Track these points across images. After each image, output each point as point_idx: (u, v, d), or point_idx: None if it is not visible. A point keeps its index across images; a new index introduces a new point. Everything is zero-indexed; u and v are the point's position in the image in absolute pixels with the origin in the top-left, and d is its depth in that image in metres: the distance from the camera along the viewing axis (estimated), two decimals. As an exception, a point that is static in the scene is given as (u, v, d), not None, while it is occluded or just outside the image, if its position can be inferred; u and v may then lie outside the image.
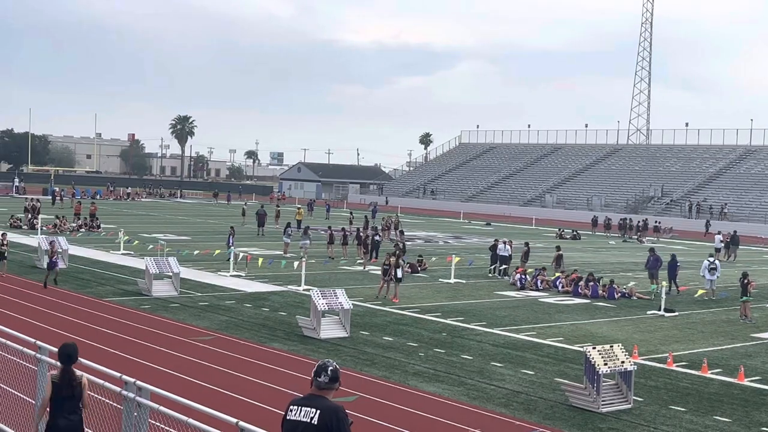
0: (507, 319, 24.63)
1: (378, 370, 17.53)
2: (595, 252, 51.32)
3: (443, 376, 17.25)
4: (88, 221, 49.33)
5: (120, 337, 19.45)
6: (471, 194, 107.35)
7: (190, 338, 19.75)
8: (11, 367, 10.98)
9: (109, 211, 65.90)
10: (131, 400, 8.08)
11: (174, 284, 26.55)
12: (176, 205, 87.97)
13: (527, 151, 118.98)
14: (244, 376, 16.40)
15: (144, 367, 16.12)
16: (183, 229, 53.45)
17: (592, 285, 30.42)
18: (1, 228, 45.67)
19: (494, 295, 29.91)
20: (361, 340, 20.61)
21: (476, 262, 38.72)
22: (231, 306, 24.70)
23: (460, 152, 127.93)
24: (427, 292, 29.44)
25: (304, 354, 18.74)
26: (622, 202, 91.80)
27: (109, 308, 23.33)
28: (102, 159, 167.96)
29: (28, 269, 30.66)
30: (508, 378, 17.36)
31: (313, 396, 5.70)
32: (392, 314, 24.53)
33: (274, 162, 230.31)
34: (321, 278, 31.10)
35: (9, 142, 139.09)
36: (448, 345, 20.40)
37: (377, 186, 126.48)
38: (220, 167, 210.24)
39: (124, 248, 37.58)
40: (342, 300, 21.06)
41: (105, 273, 30.62)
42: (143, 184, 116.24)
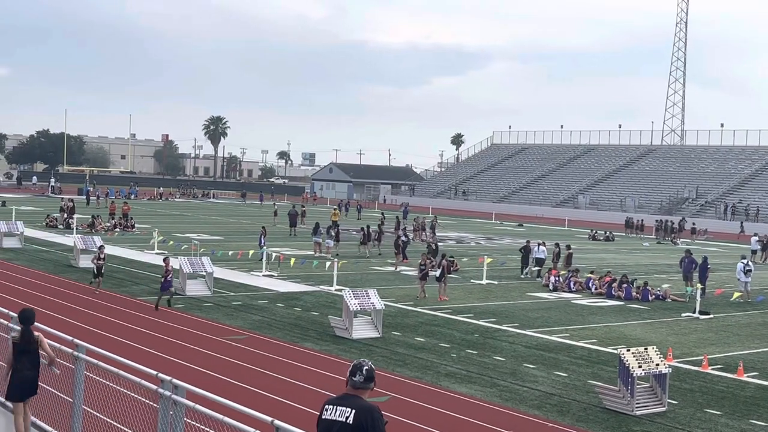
0: (539, 321, 24.52)
1: (410, 370, 17.53)
2: (628, 254, 50.90)
3: (475, 378, 17.21)
4: (122, 221, 49.82)
5: (154, 336, 19.62)
6: (503, 195, 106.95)
7: (223, 337, 19.88)
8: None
9: (143, 210, 66.50)
10: (167, 398, 8.14)
11: (207, 284, 26.74)
12: (209, 205, 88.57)
13: (560, 152, 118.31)
14: (277, 376, 16.48)
15: (178, 366, 16.25)
16: (216, 229, 53.80)
17: (626, 287, 30.17)
18: (37, 228, 46.28)
19: (526, 296, 29.78)
20: (393, 340, 20.62)
21: (508, 263, 38.56)
22: (264, 306, 24.83)
23: (492, 153, 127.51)
24: (458, 293, 29.38)
25: (337, 354, 18.79)
26: (656, 204, 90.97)
27: (143, 307, 23.55)
28: (136, 159, 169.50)
29: (64, 268, 31.02)
30: (541, 380, 17.28)
31: (348, 395, 5.71)
32: (424, 315, 24.51)
33: (306, 162, 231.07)
34: (353, 278, 31.15)
35: (45, 143, 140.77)
36: (480, 346, 20.34)
37: (408, 186, 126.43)
38: (252, 168, 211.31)
39: (158, 248, 37.89)
40: (374, 300, 21.09)
41: (139, 272, 30.90)
42: (176, 185, 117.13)
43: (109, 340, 17.92)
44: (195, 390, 8.07)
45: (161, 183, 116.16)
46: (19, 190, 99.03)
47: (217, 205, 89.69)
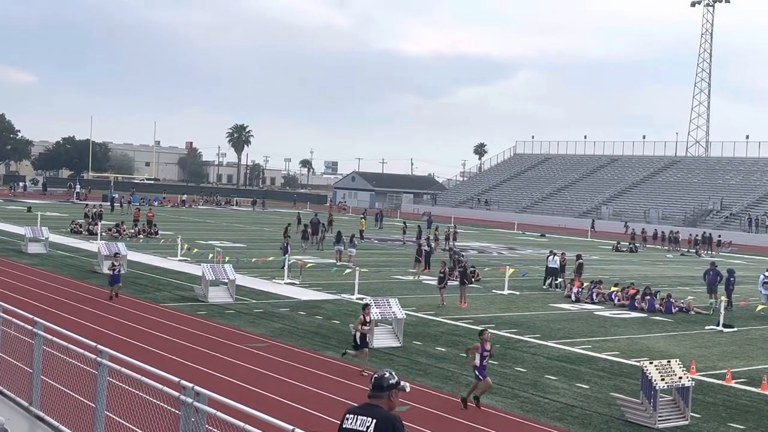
0: (561, 332, 24.40)
1: (431, 380, 17.50)
2: (652, 265, 50.57)
3: (496, 388, 17.14)
4: (146, 227, 50.16)
5: (176, 342, 19.72)
6: (525, 205, 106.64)
7: (245, 345, 19.95)
8: (72, 370, 11.19)
9: (167, 218, 66.89)
10: (189, 405, 8.17)
11: (229, 291, 26.84)
12: (232, 212, 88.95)
13: (583, 162, 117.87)
14: (297, 384, 16.51)
15: (200, 372, 16.31)
16: (238, 236, 54.01)
17: (649, 299, 29.98)
18: (62, 234, 46.68)
19: (548, 307, 29.65)
20: (414, 349, 20.60)
21: (530, 273, 38.43)
22: (285, 313, 24.89)
23: (514, 163, 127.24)
24: (480, 303, 29.31)
25: (358, 363, 18.77)
26: (680, 215, 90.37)
27: (166, 314, 23.67)
28: (160, 166, 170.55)
29: (87, 274, 31.26)
30: (562, 391, 17.20)
31: (370, 405, 5.71)
32: (445, 325, 24.47)
33: (329, 171, 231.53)
34: (374, 287, 31.16)
35: (70, 149, 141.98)
36: (501, 357, 20.26)
37: (431, 196, 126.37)
38: (275, 176, 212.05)
39: (182, 255, 38.10)
40: (395, 309, 21.09)
41: (162, 279, 31.08)
42: (200, 192, 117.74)
43: (131, 346, 18.02)
44: (217, 397, 8.09)
45: (184, 190, 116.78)
46: (44, 196, 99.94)
47: (240, 212, 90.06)
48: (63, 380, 11.33)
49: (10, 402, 12.34)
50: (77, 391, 10.99)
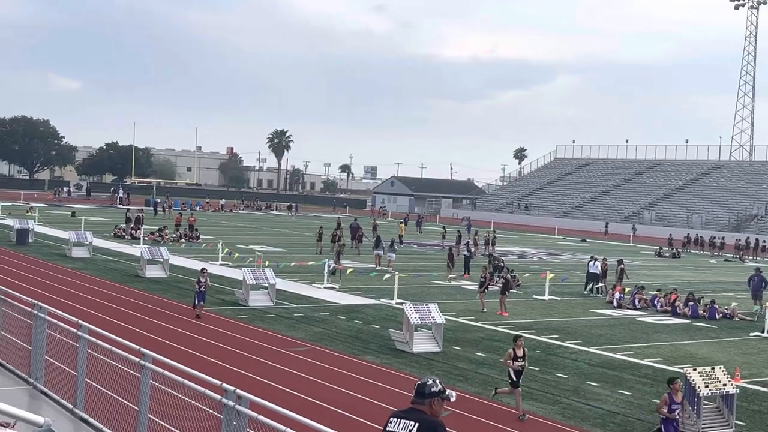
0: (603, 338, 24.18)
1: (471, 386, 17.44)
2: (695, 271, 49.93)
3: (537, 394, 17.04)
4: (188, 232, 50.64)
5: (217, 346, 19.87)
6: (566, 210, 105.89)
7: (285, 349, 20.04)
8: (116, 373, 11.33)
9: (208, 222, 67.48)
10: (231, 408, 8.24)
11: (270, 295, 27.00)
12: (272, 217, 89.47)
13: (624, 167, 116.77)
14: (337, 388, 16.54)
15: (240, 376, 16.42)
16: (278, 240, 54.31)
17: (692, 305, 29.59)
18: (105, 238, 47.29)
19: (590, 313, 29.40)
20: (454, 355, 20.55)
21: (570, 278, 38.14)
22: (325, 318, 24.97)
23: (555, 167, 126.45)
24: (520, 309, 29.15)
25: (397, 367, 18.79)
26: (724, 220, 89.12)
27: (207, 317, 23.86)
28: (201, 172, 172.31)
29: (130, 278, 31.62)
30: (604, 398, 17.04)
31: (413, 410, 5.72)
32: (485, 330, 24.38)
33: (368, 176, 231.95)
34: (414, 292, 31.14)
35: (114, 155, 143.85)
36: (542, 363, 20.14)
37: (470, 200, 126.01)
38: (314, 180, 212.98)
39: (222, 259, 38.39)
40: (435, 314, 21.05)
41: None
42: (240, 197, 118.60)
43: (172, 349, 18.20)
44: (258, 401, 8.14)
45: (224, 195, 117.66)
46: (88, 200, 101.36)
47: (279, 217, 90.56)
48: (107, 383, 11.47)
49: (55, 404, 12.53)
50: (121, 393, 11.11)
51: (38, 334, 13.42)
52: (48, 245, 42.54)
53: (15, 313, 14.87)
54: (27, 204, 76.73)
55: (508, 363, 16.00)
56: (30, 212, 62.61)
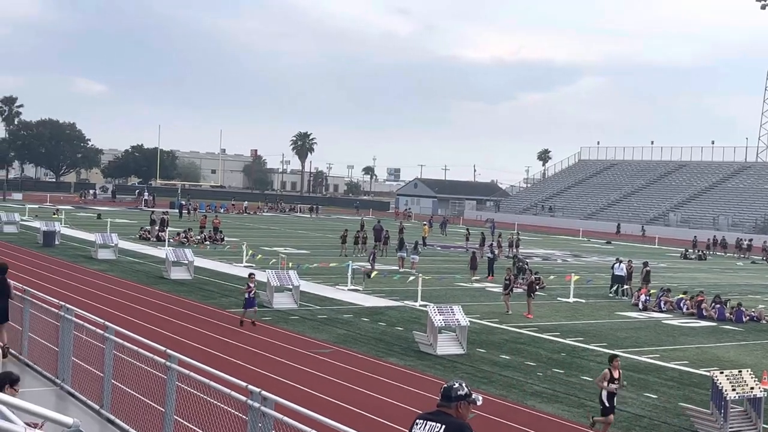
0: (629, 341, 24.03)
1: (495, 388, 17.39)
2: (721, 273, 49.49)
3: (562, 397, 16.96)
4: (212, 234, 50.87)
5: (242, 348, 19.94)
6: (591, 212, 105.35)
7: (309, 350, 20.08)
8: (142, 374, 11.40)
9: (232, 224, 67.76)
10: (256, 409, 8.27)
11: (294, 297, 27.06)
12: (295, 219, 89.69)
13: (650, 168, 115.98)
14: (361, 390, 16.55)
15: (265, 377, 16.47)
16: (301, 242, 54.43)
17: (719, 307, 29.34)
18: (131, 240, 47.61)
19: (615, 315, 29.23)
20: (478, 357, 20.49)
21: (595, 281, 37.94)
22: (349, 320, 24.99)
23: (579, 169, 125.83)
24: (545, 311, 29.03)
25: (421, 369, 18.77)
26: (750, 222, 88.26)
27: (232, 319, 23.95)
28: (226, 174, 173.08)
29: (156, 280, 31.81)
30: (630, 401, 16.92)
31: (440, 413, 5.73)
32: (509, 332, 24.30)
33: (391, 178, 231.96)
34: (437, 294, 31.10)
35: (139, 157, 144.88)
36: (567, 365, 20.05)
37: (494, 202, 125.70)
38: (338, 183, 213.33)
39: (246, 261, 38.53)
40: (459, 316, 21.01)
41: (228, 285, 31.46)
42: (264, 199, 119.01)
43: (197, 351, 18.28)
44: (283, 402, 8.17)
45: (248, 197, 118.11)
46: (113, 203, 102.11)
47: (302, 219, 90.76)
48: (133, 384, 11.55)
49: (82, 405, 12.63)
50: (146, 394, 11.18)
51: (65, 336, 13.55)
52: (74, 247, 42.90)
53: (42, 314, 15.03)
54: (53, 206, 77.41)
55: (603, 385, 14.60)
56: (56, 214, 63.20)
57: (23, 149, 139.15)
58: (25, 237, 46.60)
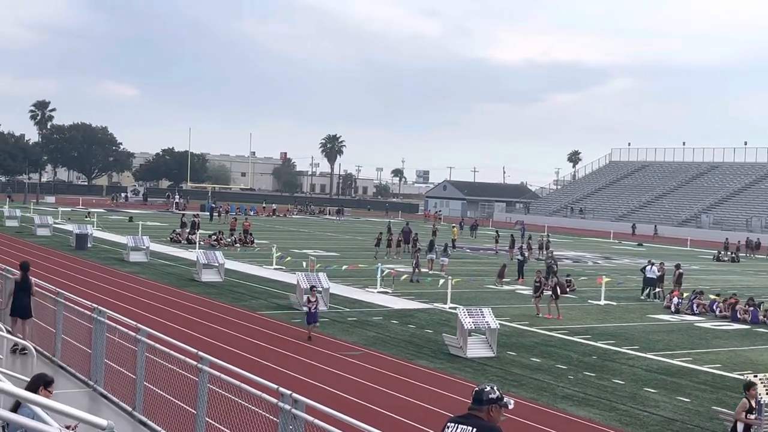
0: (661, 344, 23.81)
1: (526, 391, 17.30)
2: (754, 275, 48.90)
3: (594, 401, 16.85)
4: (242, 236, 51.14)
5: (272, 350, 20.02)
6: (621, 213, 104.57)
7: (339, 353, 20.11)
8: (173, 376, 11.48)
9: (262, 227, 68.06)
10: (287, 412, 8.30)
11: (323, 299, 27.10)
12: (325, 221, 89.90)
13: (682, 170, 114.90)
14: (392, 392, 16.54)
15: (295, 380, 16.50)
16: (331, 245, 54.53)
17: (752, 310, 28.98)
18: (162, 243, 47.98)
19: (647, 318, 28.98)
20: (508, 360, 20.41)
21: (626, 283, 37.64)
22: (378, 322, 24.99)
23: (610, 170, 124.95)
24: (575, 314, 28.86)
25: (451, 372, 18.73)
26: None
27: (262, 321, 24.07)
28: (256, 177, 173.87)
29: (186, 282, 32.02)
30: (662, 404, 16.77)
31: (471, 416, 5.71)
32: (540, 335, 24.17)
33: (420, 180, 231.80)
34: (467, 296, 31.01)
35: (170, 160, 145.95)
36: (598, 368, 19.91)
37: (523, 204, 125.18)
38: (367, 185, 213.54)
39: (276, 263, 38.69)
40: (489, 319, 20.93)
41: (258, 287, 31.60)
42: (293, 201, 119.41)
43: (228, 353, 18.37)
44: (314, 404, 8.19)
45: (277, 200, 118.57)
46: (145, 205, 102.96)
47: (331, 221, 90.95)
48: (164, 386, 11.64)
49: (114, 407, 12.74)
50: (178, 396, 11.26)
51: (98, 338, 13.68)
52: (106, 250, 43.31)
53: (75, 317, 15.19)
54: (86, 209, 78.26)
55: (741, 417, 13.19)
56: (89, 217, 63.85)
57: (56, 153, 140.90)
58: (58, 240, 47.13)
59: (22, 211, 63.95)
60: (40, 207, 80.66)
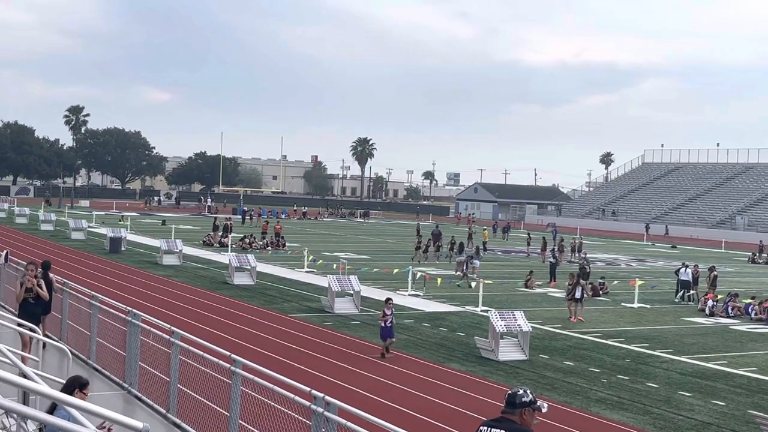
0: (695, 347, 23.55)
1: (559, 395, 17.20)
2: (791, 278, 48.19)
3: (627, 404, 16.71)
4: (274, 239, 51.36)
5: (304, 353, 20.06)
6: (655, 215, 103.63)
7: (370, 356, 20.11)
8: (207, 378, 11.56)
9: (294, 230, 68.31)
10: (319, 414, 8.32)
11: (355, 302, 27.15)
12: (356, 224, 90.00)
13: (716, 171, 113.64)
14: (423, 395, 16.52)
15: (327, 382, 16.53)
16: (362, 248, 54.59)
17: (789, 313, 28.57)
18: (195, 246, 48.32)
19: (681, 321, 28.69)
20: (541, 363, 20.30)
21: (660, 286, 37.29)
22: (410, 325, 24.96)
23: (643, 172, 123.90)
24: (609, 317, 28.64)
25: (482, 375, 18.67)
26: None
27: (294, 324, 24.14)
28: (287, 180, 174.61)
29: (219, 285, 32.21)
30: (697, 408, 16.59)
31: (504, 419, 5.70)
32: (573, 338, 24.02)
33: (451, 183, 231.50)
34: (499, 299, 30.90)
35: (202, 164, 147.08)
36: (632, 372, 19.74)
37: (555, 206, 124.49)
38: (398, 188, 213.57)
39: (308, 266, 38.81)
40: (521, 322, 20.84)
41: (290, 290, 31.71)
42: (325, 204, 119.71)
43: (261, 356, 18.45)
44: (347, 407, 8.20)
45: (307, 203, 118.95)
46: (177, 209, 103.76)
47: (363, 224, 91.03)
48: (198, 388, 11.71)
49: (149, 409, 12.84)
50: (211, 398, 11.33)
51: (132, 341, 13.81)
52: (140, 253, 43.70)
53: (110, 320, 15.34)
54: (119, 213, 79.04)
55: None
56: (122, 221, 64.47)
57: (90, 157, 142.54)
58: (92, 243, 47.64)
59: (57, 215, 64.73)
60: (74, 211, 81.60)
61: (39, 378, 7.71)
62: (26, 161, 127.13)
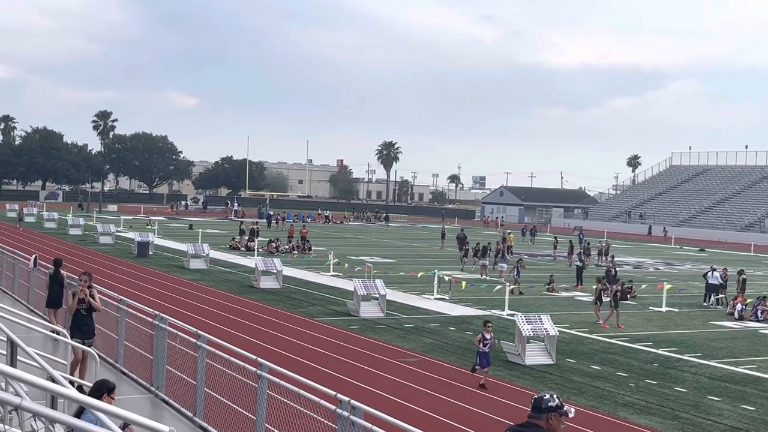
0: (724, 351, 23.32)
1: (586, 399, 17.09)
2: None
3: (655, 409, 16.57)
4: (300, 243, 51.50)
5: (330, 356, 20.09)
6: (683, 218, 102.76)
7: (396, 359, 20.10)
8: (233, 382, 11.60)
9: (319, 234, 68.46)
10: (345, 418, 8.32)
11: (380, 306, 27.14)
12: (381, 228, 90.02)
13: (745, 173, 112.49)
14: (449, 400, 16.48)
15: (353, 386, 16.54)
16: (388, 251, 54.59)
17: (820, 317, 28.21)
18: (221, 250, 48.56)
19: (709, 325, 28.42)
20: (568, 367, 20.18)
21: (689, 289, 36.96)
22: (435, 329, 24.92)
23: (670, 175, 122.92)
24: (636, 321, 28.43)
25: (509, 379, 18.60)
26: None
27: (320, 328, 24.18)
28: (312, 184, 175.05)
29: (245, 289, 32.33)
30: (726, 413, 16.42)
31: (530, 424, 5.66)
32: (600, 342, 23.86)
33: (476, 186, 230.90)
34: (525, 303, 30.77)
35: (228, 169, 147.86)
36: (660, 376, 19.58)
37: (582, 210, 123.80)
38: (423, 191, 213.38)
39: (333, 270, 38.86)
40: (547, 326, 20.74)
41: (316, 294, 31.76)
42: (351, 208, 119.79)
43: (287, 359, 18.50)
44: (372, 411, 8.19)
45: (333, 207, 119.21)
46: (204, 213, 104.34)
47: (390, 228, 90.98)
48: (225, 392, 11.76)
49: (176, 412, 12.91)
50: (238, 402, 11.37)
51: (159, 344, 13.89)
52: (167, 257, 43.98)
53: (137, 323, 15.45)
54: (147, 217, 79.58)
55: None
56: (150, 225, 64.94)
57: (118, 162, 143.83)
58: (120, 247, 48.02)
59: (85, 219, 65.31)
60: (102, 215, 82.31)
61: (66, 382, 7.76)
62: (55, 166, 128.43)
